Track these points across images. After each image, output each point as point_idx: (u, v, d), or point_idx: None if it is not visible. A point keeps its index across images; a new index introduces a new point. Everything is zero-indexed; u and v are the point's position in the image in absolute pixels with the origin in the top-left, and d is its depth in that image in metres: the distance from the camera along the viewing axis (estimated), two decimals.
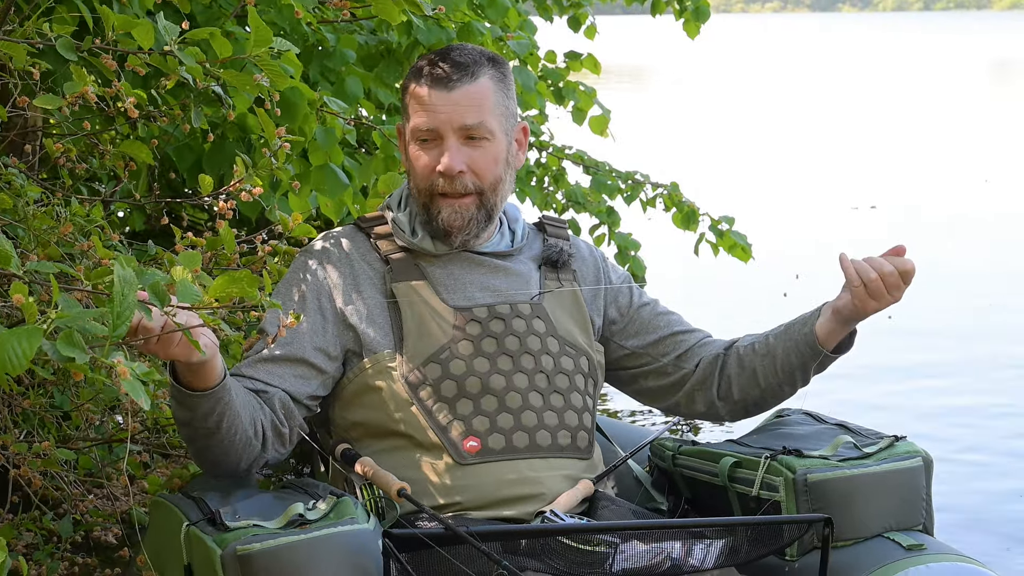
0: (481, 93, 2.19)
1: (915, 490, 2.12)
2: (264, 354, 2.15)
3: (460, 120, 2.18)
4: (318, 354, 2.18)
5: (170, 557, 1.97)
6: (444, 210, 2.21)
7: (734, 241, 5.17)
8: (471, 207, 2.21)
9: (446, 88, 2.18)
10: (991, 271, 7.58)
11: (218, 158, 3.01)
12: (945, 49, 41.69)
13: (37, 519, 2.92)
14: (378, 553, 1.82)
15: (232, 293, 1.59)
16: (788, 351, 2.26)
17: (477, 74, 2.19)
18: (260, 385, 2.13)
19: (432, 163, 2.20)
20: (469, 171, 2.19)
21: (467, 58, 2.20)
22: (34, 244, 2.26)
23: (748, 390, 2.32)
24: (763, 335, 2.33)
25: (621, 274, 2.42)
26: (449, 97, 2.17)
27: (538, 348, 2.22)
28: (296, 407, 2.16)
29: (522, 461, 2.15)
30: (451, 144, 2.18)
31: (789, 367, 2.27)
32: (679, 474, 2.31)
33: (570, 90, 4.76)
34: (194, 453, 2.08)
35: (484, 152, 2.20)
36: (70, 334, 1.38)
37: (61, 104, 2.05)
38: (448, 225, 2.21)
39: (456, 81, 2.18)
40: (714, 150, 13.69)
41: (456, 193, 2.20)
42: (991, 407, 5.00)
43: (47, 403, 2.71)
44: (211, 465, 2.10)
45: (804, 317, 2.28)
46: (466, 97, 2.18)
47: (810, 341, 2.23)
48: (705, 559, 1.96)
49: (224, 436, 2.01)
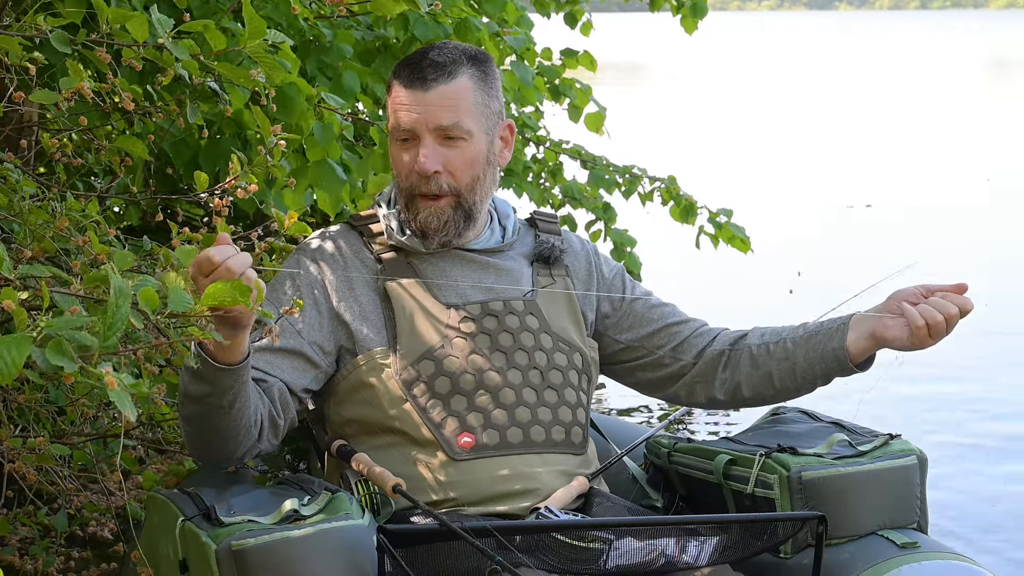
0: (457, 93, 2.18)
1: (909, 488, 2.13)
2: (264, 344, 2.15)
3: (435, 120, 2.18)
4: (314, 348, 2.19)
5: (165, 553, 1.97)
6: (422, 211, 2.21)
7: (733, 233, 5.18)
8: (447, 209, 2.21)
9: (422, 88, 2.18)
10: (988, 271, 7.59)
11: (214, 154, 3.01)
12: (941, 47, 41.70)
13: (32, 514, 2.92)
14: (373, 549, 1.83)
15: (224, 302, 1.59)
16: (812, 362, 2.24)
17: (455, 73, 2.19)
18: (260, 374, 2.12)
19: (411, 163, 2.20)
20: (445, 171, 2.19)
21: (445, 57, 2.20)
22: (30, 239, 2.26)
23: (761, 389, 2.31)
24: (777, 335, 2.30)
25: (614, 267, 2.42)
26: (425, 97, 2.17)
27: (532, 344, 2.22)
28: (291, 399, 2.16)
29: (516, 457, 2.15)
30: (426, 144, 2.18)
31: (811, 376, 2.26)
32: (674, 471, 2.31)
33: (566, 87, 4.77)
34: (194, 435, 2.06)
35: (460, 152, 2.20)
36: (59, 343, 1.37)
37: (57, 99, 2.05)
38: (424, 226, 2.22)
39: (432, 81, 2.17)
40: (710, 147, 13.69)
41: (432, 194, 2.20)
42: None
43: (42, 398, 2.71)
44: (207, 449, 2.08)
45: (828, 329, 2.23)
46: (442, 97, 2.18)
47: (840, 357, 2.21)
48: (699, 556, 1.97)
49: (234, 417, 2.00)
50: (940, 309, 2.12)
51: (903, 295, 2.17)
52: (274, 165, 2.34)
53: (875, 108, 18.80)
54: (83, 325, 1.40)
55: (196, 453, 2.12)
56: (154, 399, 2.67)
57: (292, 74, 2.68)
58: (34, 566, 2.80)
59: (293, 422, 2.19)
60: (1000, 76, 28.61)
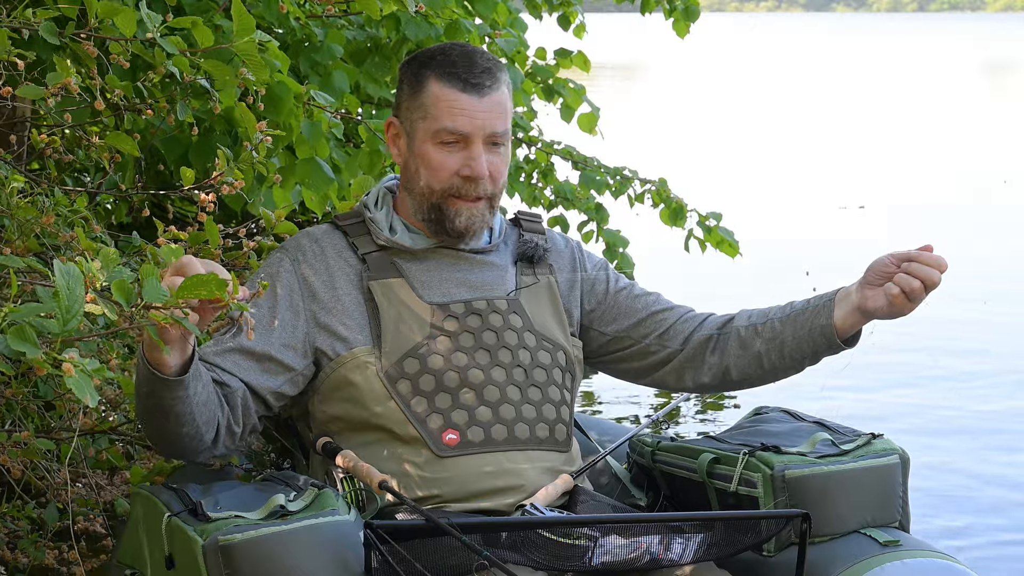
0: (504, 101, 2.22)
1: (892, 487, 2.14)
2: (232, 344, 2.15)
3: (492, 127, 2.20)
4: (286, 351, 2.18)
5: (151, 548, 1.98)
6: (463, 213, 2.23)
7: (721, 237, 5.19)
8: (484, 211, 2.24)
9: (478, 94, 2.19)
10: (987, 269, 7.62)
11: (205, 151, 3.02)
12: (939, 50, 41.74)
13: (20, 508, 2.92)
14: (359, 544, 1.84)
15: (199, 295, 1.59)
16: (800, 339, 2.25)
17: (500, 81, 2.22)
18: (225, 376, 2.12)
19: (455, 166, 2.21)
20: (489, 176, 2.22)
21: (491, 63, 2.23)
22: (17, 234, 2.26)
23: (749, 371, 2.31)
24: (764, 315, 2.30)
25: (597, 261, 2.43)
26: (481, 103, 2.19)
27: (515, 343, 2.23)
28: (254, 403, 2.15)
29: (501, 453, 2.16)
30: (479, 151, 2.20)
31: (800, 355, 2.27)
32: (658, 470, 2.32)
33: (559, 86, 4.77)
34: (146, 429, 2.07)
35: (501, 158, 2.24)
36: (21, 329, 1.38)
37: (44, 94, 2.06)
38: (465, 228, 2.24)
39: (488, 88, 2.20)
40: (705, 149, 13.71)
41: (472, 197, 2.22)
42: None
43: (30, 393, 2.71)
44: (159, 444, 2.09)
45: (815, 306, 2.25)
46: (496, 105, 2.21)
47: (828, 334, 2.22)
48: (684, 554, 1.98)
49: (173, 425, 2.00)
50: (915, 273, 2.14)
51: (876, 266, 2.19)
52: (259, 161, 2.35)
53: (868, 109, 18.82)
54: (48, 312, 1.40)
55: (153, 446, 2.13)
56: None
57: (282, 73, 2.69)
58: (27, 560, 2.80)
59: (255, 427, 2.18)
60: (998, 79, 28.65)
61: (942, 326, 5.96)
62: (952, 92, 22.90)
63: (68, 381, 1.40)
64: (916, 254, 2.16)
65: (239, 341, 2.15)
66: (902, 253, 2.17)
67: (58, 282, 1.41)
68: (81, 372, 1.40)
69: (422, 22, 3.29)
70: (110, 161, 2.60)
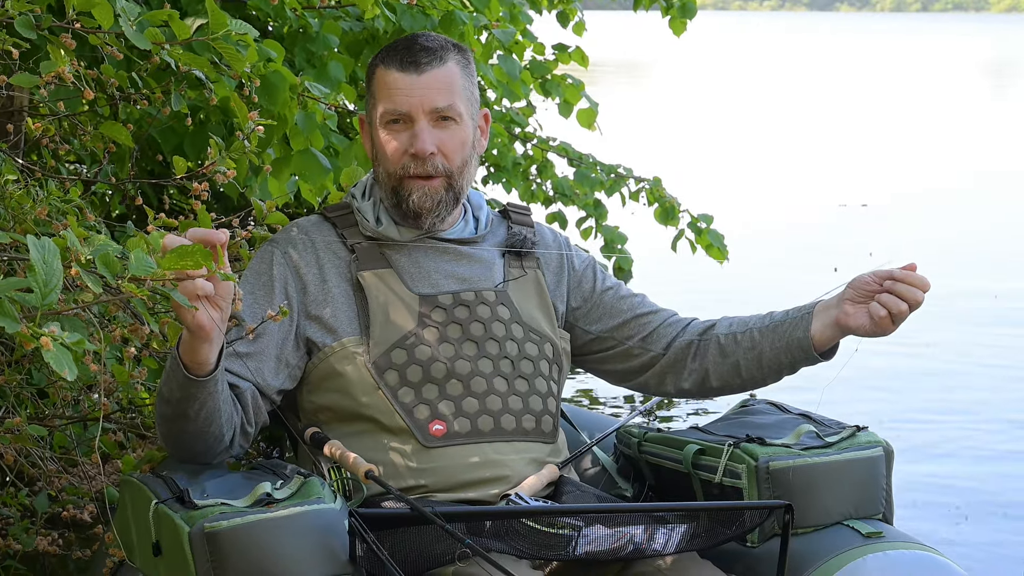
0: (449, 77, 2.22)
1: (875, 479, 2.15)
2: (239, 348, 2.17)
3: (431, 102, 2.21)
4: (285, 346, 2.20)
5: (139, 535, 1.99)
6: (415, 192, 2.23)
7: (710, 242, 5.20)
8: (440, 189, 2.24)
9: (416, 71, 2.21)
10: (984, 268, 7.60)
11: (200, 141, 3.03)
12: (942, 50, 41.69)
13: (13, 495, 2.94)
14: (344, 532, 1.84)
15: (185, 266, 1.60)
16: (778, 350, 2.27)
17: (445, 58, 2.23)
18: (234, 379, 2.14)
19: (402, 146, 2.22)
20: (439, 153, 2.22)
21: (434, 43, 2.24)
22: (11, 222, 2.27)
23: (728, 379, 2.33)
24: (744, 324, 2.32)
25: (585, 259, 2.44)
26: (419, 80, 2.21)
27: (503, 334, 2.24)
28: (264, 401, 2.18)
29: (487, 444, 2.17)
30: (422, 126, 2.21)
31: (777, 365, 2.29)
32: (644, 461, 2.33)
33: (556, 84, 4.78)
34: (165, 431, 2.09)
35: (453, 134, 2.23)
36: (0, 303, 1.38)
37: (38, 83, 2.07)
38: (418, 207, 2.23)
39: (425, 64, 2.21)
40: (706, 147, 13.69)
41: (426, 174, 2.22)
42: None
43: (23, 380, 2.72)
44: (177, 447, 2.10)
45: (793, 318, 2.26)
46: (436, 80, 2.21)
47: (805, 347, 2.23)
48: (667, 544, 1.98)
49: (201, 425, 2.03)
50: (901, 295, 2.14)
51: (859, 283, 2.19)
52: (251, 151, 2.36)
53: (870, 108, 18.81)
54: (28, 286, 1.41)
55: (169, 448, 2.14)
56: (134, 384, 2.68)
57: (277, 63, 2.70)
58: (19, 547, 2.82)
59: (265, 423, 2.21)
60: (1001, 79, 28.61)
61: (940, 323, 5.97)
62: (953, 92, 22.87)
63: (46, 354, 1.40)
64: (900, 274, 2.16)
65: (241, 342, 2.16)
66: (884, 272, 2.17)
67: (33, 256, 1.41)
68: (60, 345, 1.40)
69: (418, 14, 3.30)
70: (104, 151, 2.61)
